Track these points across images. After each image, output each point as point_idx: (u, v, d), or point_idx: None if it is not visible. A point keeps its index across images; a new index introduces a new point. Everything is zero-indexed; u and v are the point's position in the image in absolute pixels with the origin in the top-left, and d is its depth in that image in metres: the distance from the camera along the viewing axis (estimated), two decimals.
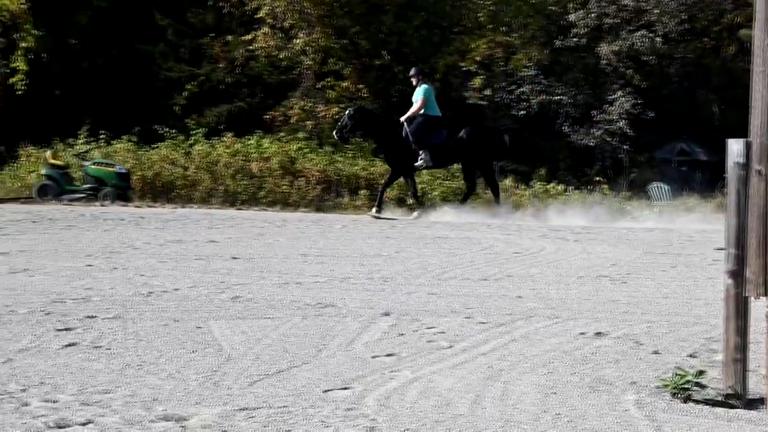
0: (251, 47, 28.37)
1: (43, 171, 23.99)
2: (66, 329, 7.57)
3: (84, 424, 5.16)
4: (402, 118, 20.71)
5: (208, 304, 8.85)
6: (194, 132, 26.21)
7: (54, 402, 5.55)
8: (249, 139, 25.90)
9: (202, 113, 28.15)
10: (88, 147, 25.64)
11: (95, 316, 8.08)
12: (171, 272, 10.95)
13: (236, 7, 28.86)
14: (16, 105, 28.10)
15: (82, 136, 26.13)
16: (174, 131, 26.29)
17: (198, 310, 8.50)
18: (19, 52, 27.51)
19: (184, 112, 27.87)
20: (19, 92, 27.37)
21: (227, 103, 28.61)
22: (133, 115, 27.48)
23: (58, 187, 23.37)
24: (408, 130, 20.42)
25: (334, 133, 21.27)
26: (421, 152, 20.34)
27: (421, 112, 20.56)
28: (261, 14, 27.78)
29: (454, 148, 20.65)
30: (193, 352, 6.89)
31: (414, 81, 20.99)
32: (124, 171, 23.55)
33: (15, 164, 26.18)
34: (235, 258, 12.39)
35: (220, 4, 28.77)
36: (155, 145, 25.80)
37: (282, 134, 26.82)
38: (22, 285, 9.80)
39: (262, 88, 29.30)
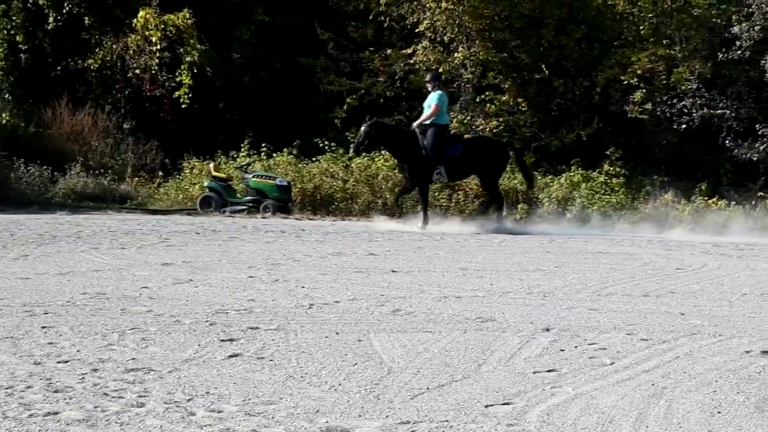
0: (411, 61, 28.45)
1: (206, 183, 24.44)
2: (230, 340, 7.69)
3: None
4: (414, 125, 20.49)
5: (368, 316, 8.90)
6: (354, 145, 26.40)
7: (219, 412, 5.64)
8: None
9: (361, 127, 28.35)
10: (250, 160, 26.02)
11: (258, 327, 8.19)
12: (331, 284, 11.05)
13: (396, 21, 28.97)
14: (181, 118, 28.69)
15: (244, 149, 26.54)
16: (334, 144, 26.51)
17: (358, 322, 8.56)
18: (184, 67, 28.05)
19: (344, 125, 28.07)
20: (184, 105, 27.91)
21: (387, 116, 28.72)
22: (294, 128, 27.82)
23: (220, 199, 23.79)
24: (425, 143, 19.90)
25: (351, 149, 21.42)
26: (438, 167, 19.99)
27: (432, 120, 20.08)
28: (421, 28, 27.83)
29: (475, 159, 20.22)
30: (354, 364, 6.94)
31: (429, 87, 20.63)
32: (285, 184, 23.84)
33: (179, 176, 26.72)
34: (395, 271, 12.44)
35: (381, 18, 28.91)
36: (315, 158, 26.05)
37: None
38: (186, 295, 9.99)
39: (422, 101, 29.33)
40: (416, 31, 28.12)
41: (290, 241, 16.44)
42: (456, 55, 27.78)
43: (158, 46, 28.25)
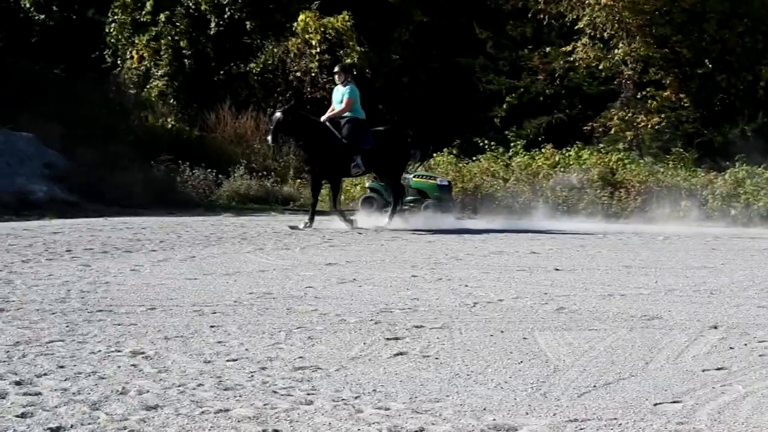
0: (570, 58, 28.27)
1: (367, 184, 24.58)
2: (395, 338, 7.73)
3: None
4: (323, 118, 18.75)
5: (532, 315, 8.87)
6: (514, 144, 26.34)
7: (386, 409, 5.67)
8: (568, 151, 25.80)
9: (521, 125, 28.25)
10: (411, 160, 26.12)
11: (422, 326, 8.22)
12: (494, 283, 11.03)
13: (555, 18, 28.79)
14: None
15: None
16: (494, 143, 26.48)
17: (523, 320, 8.53)
18: None
19: (504, 124, 28.03)
20: None
21: (546, 114, 28.61)
22: (454, 128, 27.86)
23: (381, 199, 23.91)
24: (343, 135, 18.42)
25: (269, 139, 18.93)
26: (355, 157, 18.53)
27: (348, 115, 18.61)
28: (580, 25, 27.62)
29: (384, 151, 18.95)
30: (519, 362, 6.92)
31: (339, 78, 19.02)
32: (445, 183, 23.83)
33: None
34: (558, 269, 12.37)
35: (540, 16, 28.76)
36: (475, 158, 26.04)
37: (601, 145, 26.60)
38: (350, 294, 10.07)
39: (582, 99, 29.14)
40: (575, 28, 27.93)
41: (452, 241, 16.45)
42: (616, 51, 27.52)
43: (318, 49, 28.59)
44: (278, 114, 18.06)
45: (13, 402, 5.73)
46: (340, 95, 18.71)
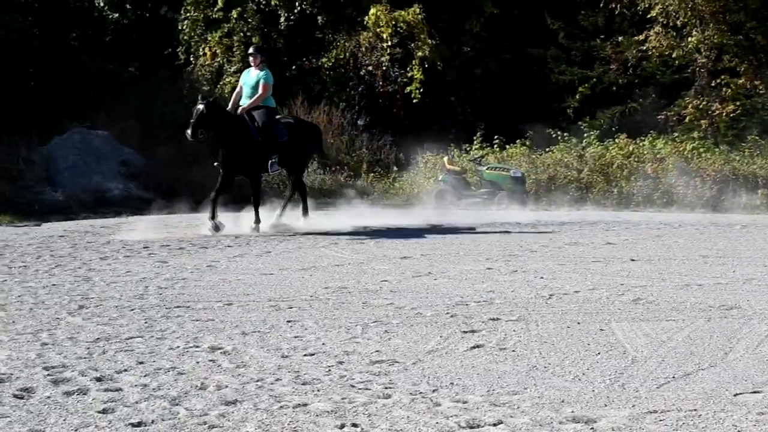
0: (643, 47, 28.02)
1: (440, 176, 24.60)
2: (471, 331, 7.74)
3: (495, 425, 5.27)
4: (240, 110, 16.60)
5: (609, 306, 8.83)
6: (587, 134, 26.18)
7: (464, 402, 5.68)
8: (642, 140, 25.61)
9: (594, 115, 28.06)
10: (483, 152, 26.07)
11: (498, 318, 8.22)
12: (570, 275, 10.99)
13: (627, 7, 28.55)
14: (413, 113, 28.98)
15: (476, 141, 26.63)
16: (567, 134, 26.34)
17: (599, 312, 8.49)
18: (415, 62, 28.31)
19: (577, 114, 27.88)
20: (415, 100, 28.19)
21: (620, 104, 28.39)
22: (526, 119, 27.74)
23: (455, 191, 23.91)
24: (260, 126, 16.52)
25: (189, 134, 16.05)
26: (273, 157, 16.65)
27: (263, 104, 16.67)
28: (653, 13, 27.36)
29: (298, 144, 17.07)
30: (597, 354, 6.89)
31: (254, 61, 16.91)
32: (519, 175, 23.79)
33: (414, 171, 26.96)
34: (634, 260, 12.30)
35: (612, 5, 28.55)
36: (548, 149, 25.93)
37: (676, 134, 26.36)
38: (426, 288, 10.08)
39: (655, 88, 28.89)
40: (648, 16, 27.66)
41: (526, 232, 16.40)
42: (690, 39, 27.22)
43: (389, 43, 28.57)
44: (200, 107, 16.04)
45: (95, 398, 5.81)
46: (254, 79, 16.77)
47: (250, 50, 17.52)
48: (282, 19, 29.76)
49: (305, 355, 6.97)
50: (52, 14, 28.17)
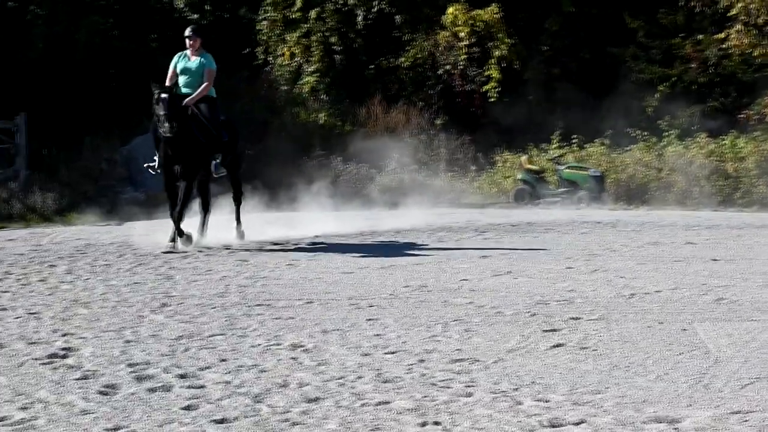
0: (724, 46, 27.73)
1: (519, 176, 24.55)
2: (552, 330, 7.72)
3: (577, 424, 5.25)
4: (187, 101, 14.08)
5: (691, 306, 8.76)
6: (667, 133, 25.95)
7: (546, 401, 5.68)
8: (723, 140, 25.34)
9: (674, 114, 27.81)
10: (562, 151, 25.95)
11: (579, 318, 8.19)
12: (651, 274, 10.92)
13: (708, 5, 28.28)
14: (491, 112, 28.90)
15: (555, 140, 26.50)
16: (646, 133, 26.13)
17: (681, 312, 8.43)
18: (493, 61, 28.26)
19: (656, 113, 27.64)
20: (492, 100, 28.12)
21: (700, 103, 28.10)
22: (605, 118, 27.56)
23: (534, 191, 23.86)
24: (204, 120, 14.26)
25: (166, 128, 13.40)
26: (216, 156, 14.26)
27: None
28: (734, 12, 27.09)
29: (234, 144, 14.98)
30: (679, 354, 6.85)
31: (194, 45, 14.74)
32: (598, 174, 23.68)
33: (492, 170, 26.89)
34: (716, 260, 12.19)
35: (692, 3, 28.29)
36: (628, 148, 25.75)
37: (757, 133, 26.05)
38: (506, 287, 10.07)
39: (736, 86, 28.57)
40: (728, 15, 27.37)
41: (606, 232, 16.32)
42: None
43: (467, 42, 28.53)
44: (164, 95, 13.58)
45: (178, 395, 5.88)
46: (195, 65, 14.62)
47: (188, 32, 14.91)
48: (360, 19, 29.82)
49: (386, 353, 7.00)
50: (132, 16, 28.49)
